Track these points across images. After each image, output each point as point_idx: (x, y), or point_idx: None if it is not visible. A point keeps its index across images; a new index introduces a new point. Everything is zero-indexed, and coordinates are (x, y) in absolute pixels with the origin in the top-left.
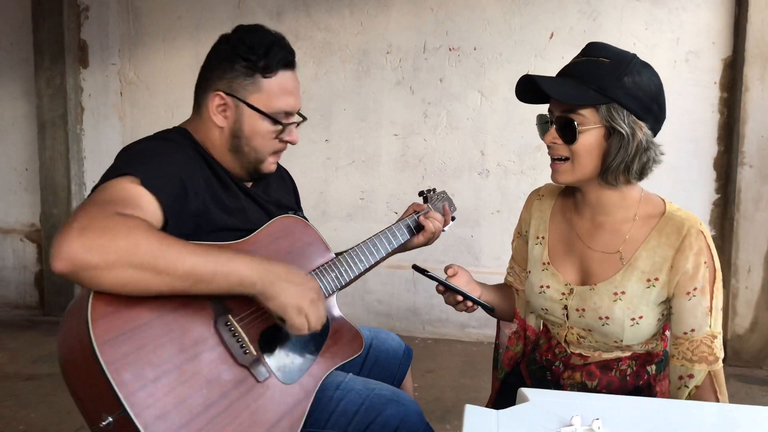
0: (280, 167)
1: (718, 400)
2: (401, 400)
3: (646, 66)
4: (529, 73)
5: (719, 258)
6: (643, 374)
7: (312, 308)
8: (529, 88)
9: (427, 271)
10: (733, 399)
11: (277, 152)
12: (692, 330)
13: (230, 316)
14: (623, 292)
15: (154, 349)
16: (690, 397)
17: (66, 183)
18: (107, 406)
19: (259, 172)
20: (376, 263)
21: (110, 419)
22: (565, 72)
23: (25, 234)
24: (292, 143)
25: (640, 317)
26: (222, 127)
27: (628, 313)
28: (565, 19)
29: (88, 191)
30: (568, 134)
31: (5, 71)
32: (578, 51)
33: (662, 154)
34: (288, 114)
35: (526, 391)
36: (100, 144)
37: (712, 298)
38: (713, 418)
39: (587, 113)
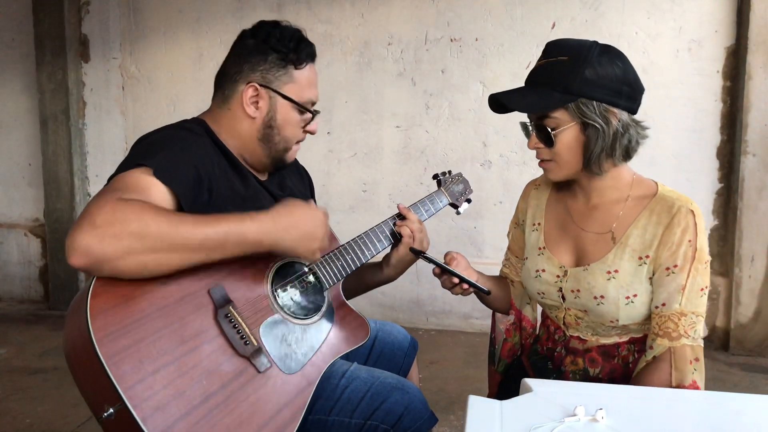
0: (298, 164)
1: (670, 377)
2: (406, 388)
3: (607, 51)
4: (529, 65)
5: (722, 247)
6: None
7: (318, 241)
8: (502, 102)
9: (424, 253)
10: (736, 388)
11: (299, 142)
12: (663, 304)
13: (231, 308)
14: (616, 271)
15: (154, 341)
16: (646, 368)
17: (69, 177)
18: (108, 398)
19: (283, 161)
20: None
21: (112, 410)
22: (530, 80)
23: (29, 229)
24: (312, 133)
25: (635, 295)
26: (254, 117)
27: (622, 292)
28: (566, 9)
29: (91, 185)
30: (546, 139)
31: (7, 67)
32: None
33: (646, 129)
34: (313, 104)
35: (529, 381)
36: (102, 138)
37: (688, 276)
38: (716, 406)
39: (558, 115)
